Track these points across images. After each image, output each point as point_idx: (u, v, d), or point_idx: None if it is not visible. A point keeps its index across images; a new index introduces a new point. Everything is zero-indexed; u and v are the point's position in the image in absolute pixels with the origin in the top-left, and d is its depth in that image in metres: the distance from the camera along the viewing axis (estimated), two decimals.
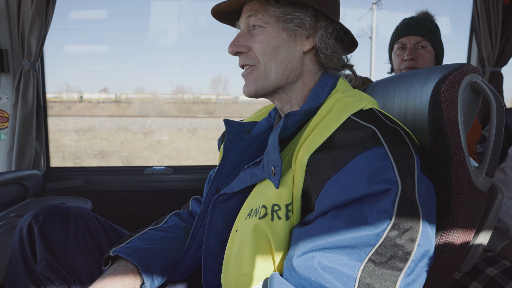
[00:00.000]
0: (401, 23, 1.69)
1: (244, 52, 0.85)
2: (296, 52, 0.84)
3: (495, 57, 2.33)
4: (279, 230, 0.71)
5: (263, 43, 0.82)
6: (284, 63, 0.83)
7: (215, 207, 0.86)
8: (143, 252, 0.89)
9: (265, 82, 0.84)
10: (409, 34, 1.60)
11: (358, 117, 0.73)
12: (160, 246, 0.93)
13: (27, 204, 1.79)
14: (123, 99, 24.83)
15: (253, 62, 0.84)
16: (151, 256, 0.89)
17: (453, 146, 0.75)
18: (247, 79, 0.86)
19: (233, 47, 0.85)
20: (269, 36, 0.82)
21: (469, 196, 0.74)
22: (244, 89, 0.87)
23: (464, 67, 0.79)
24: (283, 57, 0.83)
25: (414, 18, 1.65)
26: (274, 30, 0.82)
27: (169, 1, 25.88)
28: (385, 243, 0.61)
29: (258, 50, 0.83)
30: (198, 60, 38.73)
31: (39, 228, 0.96)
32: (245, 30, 0.86)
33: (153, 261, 0.88)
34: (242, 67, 0.87)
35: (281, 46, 0.82)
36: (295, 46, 0.83)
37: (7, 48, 1.93)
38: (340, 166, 0.67)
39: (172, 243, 0.96)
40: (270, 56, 0.83)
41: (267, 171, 0.76)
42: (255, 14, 0.83)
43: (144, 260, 0.87)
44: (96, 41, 30.57)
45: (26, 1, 1.84)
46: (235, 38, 0.86)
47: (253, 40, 0.84)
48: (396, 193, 0.63)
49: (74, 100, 23.73)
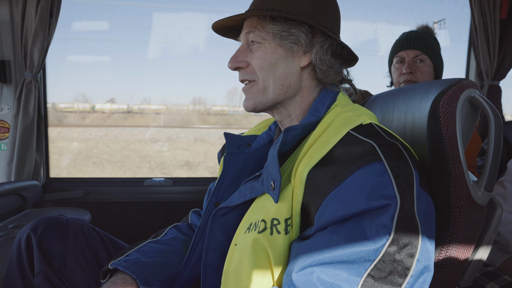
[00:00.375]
0: (400, 37, 1.71)
1: (243, 67, 0.86)
2: (293, 68, 0.85)
3: (493, 71, 2.36)
4: (278, 245, 0.71)
5: (261, 59, 0.84)
6: (281, 79, 0.84)
7: (215, 221, 0.86)
8: (142, 265, 0.88)
9: (263, 97, 0.85)
10: (407, 48, 1.62)
11: (357, 132, 0.73)
12: (159, 260, 0.92)
13: (26, 215, 1.78)
14: (136, 109, 24.91)
15: (252, 78, 0.86)
16: (150, 270, 0.88)
17: (451, 161, 0.75)
18: (247, 94, 0.88)
19: (232, 63, 0.87)
20: (266, 52, 0.83)
21: (468, 210, 0.74)
22: (244, 104, 0.89)
23: (463, 82, 0.80)
24: (280, 72, 0.84)
25: (413, 32, 1.67)
26: (271, 46, 0.84)
27: (180, 12, 26.26)
28: (384, 259, 0.61)
29: (256, 65, 0.84)
30: (213, 72, 38.84)
31: (38, 240, 0.96)
32: (244, 46, 0.88)
33: (152, 274, 0.88)
34: (242, 82, 0.89)
35: (278, 62, 0.84)
36: (292, 62, 0.84)
37: (9, 59, 1.95)
38: (339, 181, 0.67)
39: (171, 257, 0.95)
40: (268, 72, 0.84)
41: (266, 186, 0.76)
42: (253, 30, 0.85)
43: (143, 274, 0.86)
44: (97, 51, 30.90)
45: (30, 13, 1.86)
46: (234, 54, 0.88)
47: (252, 55, 0.85)
48: (395, 208, 0.63)
49: (88, 110, 23.88)
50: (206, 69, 35.34)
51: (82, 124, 20.21)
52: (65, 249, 0.98)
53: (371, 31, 37.99)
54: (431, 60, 1.60)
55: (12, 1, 1.91)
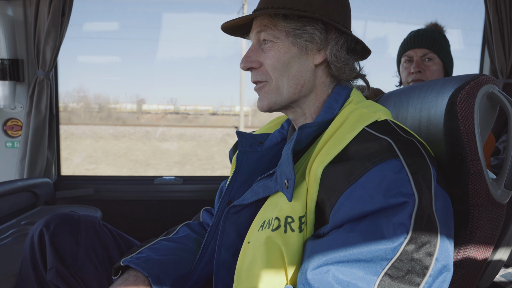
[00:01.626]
0: (407, 36, 1.68)
1: (256, 67, 0.85)
2: (307, 66, 0.83)
3: (509, 69, 2.31)
4: (292, 243, 0.70)
5: (274, 58, 0.82)
6: (296, 78, 0.83)
7: (227, 219, 0.85)
8: (154, 263, 0.88)
9: (278, 97, 0.84)
10: (415, 47, 1.60)
11: (372, 129, 0.72)
12: (171, 258, 0.92)
13: (38, 212, 1.80)
14: (182, 110, 25.18)
15: (265, 78, 0.84)
16: (162, 267, 0.88)
17: (470, 158, 0.73)
18: (260, 93, 0.86)
19: (245, 63, 0.85)
20: (279, 51, 0.82)
21: (487, 209, 0.72)
22: (258, 104, 0.87)
23: (481, 78, 0.78)
24: (294, 71, 0.82)
25: (421, 30, 1.64)
26: (285, 45, 0.82)
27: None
28: (401, 257, 0.60)
29: (269, 66, 0.83)
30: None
31: (50, 236, 0.97)
32: (255, 45, 0.86)
33: (163, 272, 0.87)
34: (254, 83, 0.87)
35: (292, 61, 0.82)
36: (306, 60, 0.83)
37: (23, 58, 1.98)
38: (355, 178, 0.66)
39: (183, 255, 0.95)
40: (282, 72, 0.82)
41: (280, 184, 0.75)
42: (265, 29, 0.83)
43: (155, 271, 0.86)
44: (108, 51, 31.18)
45: (43, 12, 1.88)
46: (246, 54, 0.86)
47: (264, 55, 0.84)
48: (413, 206, 0.61)
49: (134, 111, 24.40)
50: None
51: (182, 124, 20.18)
52: (77, 245, 0.98)
53: (381, 29, 37.70)
54: (440, 58, 1.58)
55: (26, 1, 1.93)
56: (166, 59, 33.22)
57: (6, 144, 2.04)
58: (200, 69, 35.86)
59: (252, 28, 0.87)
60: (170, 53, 33.36)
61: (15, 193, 1.70)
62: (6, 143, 2.04)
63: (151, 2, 28.57)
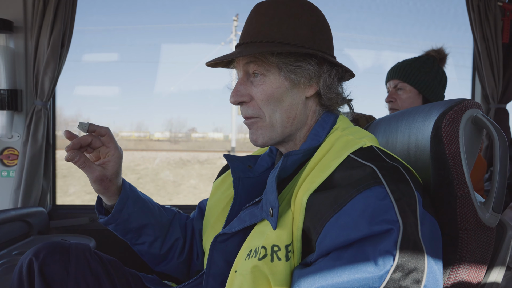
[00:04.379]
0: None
1: (246, 101, 0.83)
2: (299, 99, 0.83)
3: (499, 94, 2.35)
4: (279, 272, 0.69)
5: (266, 94, 0.80)
6: (288, 111, 0.82)
7: (215, 247, 0.84)
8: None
9: (272, 133, 0.83)
10: (390, 79, 1.77)
11: (357, 156, 0.72)
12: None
13: (30, 241, 1.77)
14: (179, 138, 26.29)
15: (257, 114, 0.83)
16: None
17: (456, 181, 0.74)
18: (252, 128, 0.85)
19: (235, 97, 0.83)
20: (272, 86, 0.80)
21: (476, 232, 0.72)
22: (251, 138, 0.85)
23: (464, 102, 0.80)
24: (286, 105, 0.82)
25: (398, 62, 1.78)
26: (276, 79, 0.80)
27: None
28: (389, 286, 0.59)
29: (262, 101, 0.81)
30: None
31: (39, 265, 0.95)
32: (244, 78, 0.84)
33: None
34: (245, 118, 0.85)
35: (284, 95, 0.81)
36: (298, 93, 0.82)
37: (21, 88, 2.01)
38: (340, 206, 0.66)
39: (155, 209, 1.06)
40: (275, 107, 0.81)
41: (265, 212, 0.74)
42: (254, 61, 0.80)
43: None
44: (106, 82, 31.76)
45: (43, 44, 1.93)
46: (235, 88, 0.84)
47: (255, 89, 0.82)
48: (397, 233, 0.61)
49: (147, 139, 25.30)
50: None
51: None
52: (67, 274, 0.97)
53: (376, 58, 38.51)
54: (412, 86, 1.69)
55: (27, 33, 1.99)
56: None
57: (2, 173, 2.04)
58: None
59: (238, 59, 0.84)
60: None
61: (7, 223, 1.68)
62: (1, 172, 2.04)
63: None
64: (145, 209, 1.02)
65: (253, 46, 0.80)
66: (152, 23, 30.93)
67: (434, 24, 42.59)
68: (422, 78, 1.68)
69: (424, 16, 41.00)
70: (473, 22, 2.32)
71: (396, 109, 1.72)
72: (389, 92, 1.77)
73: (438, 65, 1.73)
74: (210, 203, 1.03)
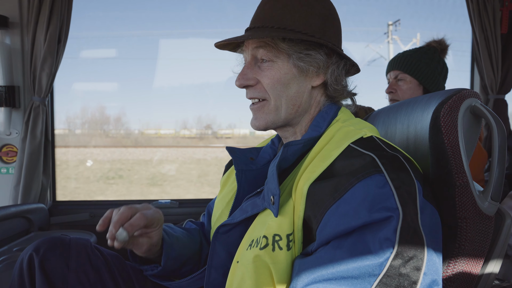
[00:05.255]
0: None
1: (252, 85, 0.83)
2: (305, 87, 0.83)
3: (498, 85, 2.35)
4: (281, 261, 0.69)
5: (273, 78, 0.80)
6: (294, 99, 0.82)
7: (217, 238, 0.84)
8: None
9: (275, 117, 0.83)
10: (390, 70, 1.77)
11: (358, 145, 0.73)
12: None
13: (31, 238, 1.78)
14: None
15: (263, 96, 0.83)
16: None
17: (455, 170, 0.74)
18: (257, 113, 0.85)
19: (241, 81, 0.83)
20: (280, 72, 0.80)
21: (475, 221, 0.72)
22: (253, 123, 0.86)
23: (463, 92, 0.79)
24: (293, 92, 0.82)
25: (398, 53, 1.78)
26: (285, 66, 0.80)
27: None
28: (389, 273, 0.59)
29: (268, 85, 0.81)
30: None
31: (40, 260, 0.95)
32: (251, 62, 0.84)
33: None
34: (250, 99, 0.86)
35: (291, 82, 0.81)
36: (304, 81, 0.83)
37: (19, 85, 2.00)
38: (340, 194, 0.66)
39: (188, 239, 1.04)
40: (281, 92, 0.81)
41: (267, 201, 0.75)
42: (264, 46, 0.80)
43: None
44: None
45: (39, 40, 1.92)
46: (242, 71, 0.84)
47: (262, 73, 0.82)
48: (397, 220, 0.61)
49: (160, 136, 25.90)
50: None
51: None
52: (67, 269, 0.97)
53: (376, 51, 38.51)
54: (412, 76, 1.69)
55: (23, 29, 1.98)
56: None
57: (1, 170, 2.04)
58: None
59: (247, 43, 0.84)
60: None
61: (8, 219, 1.69)
62: (1, 169, 2.04)
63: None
64: (183, 247, 1.01)
65: (264, 31, 0.80)
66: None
67: (432, 15, 42.45)
68: (422, 69, 1.68)
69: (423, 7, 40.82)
70: (472, 13, 2.31)
71: (397, 100, 1.71)
72: (390, 83, 1.76)
73: (439, 56, 1.72)
74: (217, 199, 1.03)
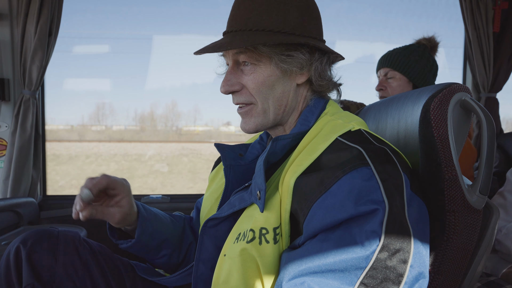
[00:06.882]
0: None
1: (237, 90, 0.82)
2: (290, 86, 0.83)
3: (490, 83, 2.37)
4: (268, 254, 0.69)
5: (258, 82, 0.80)
6: (280, 99, 0.82)
7: (205, 232, 0.84)
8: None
9: (264, 120, 0.83)
10: (380, 67, 1.79)
11: (345, 138, 0.73)
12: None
13: (20, 232, 1.76)
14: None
15: (249, 100, 0.82)
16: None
17: (444, 164, 0.74)
18: (246, 117, 0.84)
19: (225, 87, 0.82)
20: (263, 75, 0.79)
21: (463, 214, 0.73)
22: (242, 126, 0.85)
23: (453, 86, 0.80)
24: (278, 93, 0.81)
25: (388, 51, 1.78)
26: (268, 68, 0.79)
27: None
28: (375, 266, 0.59)
29: (253, 89, 0.80)
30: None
31: (27, 252, 0.94)
32: (234, 67, 0.82)
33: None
34: (237, 105, 0.85)
35: (276, 83, 0.80)
36: (289, 81, 0.82)
37: (9, 78, 1.97)
38: (326, 187, 0.66)
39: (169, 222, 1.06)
40: (267, 94, 0.81)
41: (254, 195, 0.75)
42: (245, 51, 0.79)
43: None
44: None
45: (29, 32, 1.89)
46: (225, 77, 0.82)
47: (246, 78, 0.81)
48: (383, 213, 0.61)
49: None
50: None
51: None
52: (55, 261, 0.96)
53: (368, 49, 38.63)
54: (402, 74, 1.71)
55: (13, 21, 1.94)
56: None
57: None
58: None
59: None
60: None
61: None
62: None
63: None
64: (161, 225, 1.02)
65: (243, 35, 0.79)
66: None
67: (425, 13, 42.70)
68: (412, 66, 1.69)
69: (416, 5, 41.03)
70: (465, 11, 2.32)
71: (386, 97, 1.71)
72: (380, 80, 1.77)
73: (429, 53, 1.73)
74: (205, 195, 1.03)
